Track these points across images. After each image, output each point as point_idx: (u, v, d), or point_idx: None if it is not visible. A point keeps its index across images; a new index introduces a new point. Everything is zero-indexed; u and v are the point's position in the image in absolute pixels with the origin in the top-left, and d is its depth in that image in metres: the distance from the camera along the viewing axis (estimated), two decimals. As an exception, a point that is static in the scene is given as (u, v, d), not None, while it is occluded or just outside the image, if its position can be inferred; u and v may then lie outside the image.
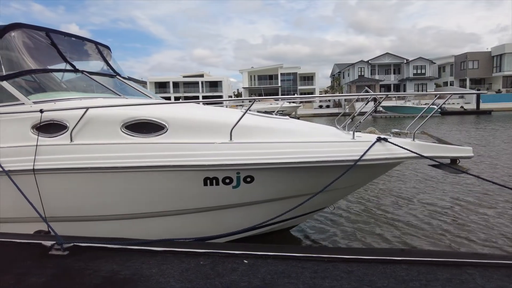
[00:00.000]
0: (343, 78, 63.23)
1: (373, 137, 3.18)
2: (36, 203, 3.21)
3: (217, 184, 3.17)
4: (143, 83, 60.37)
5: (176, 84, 65.98)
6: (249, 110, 3.38)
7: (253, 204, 3.42)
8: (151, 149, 3.13)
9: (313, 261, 2.53)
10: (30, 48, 3.91)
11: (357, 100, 37.58)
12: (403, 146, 3.04)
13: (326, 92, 66.33)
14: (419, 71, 55.78)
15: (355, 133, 3.27)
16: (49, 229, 3.07)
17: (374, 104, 4.02)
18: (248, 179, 3.19)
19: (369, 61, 57.36)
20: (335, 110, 48.93)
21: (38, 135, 3.35)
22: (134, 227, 3.38)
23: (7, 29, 3.73)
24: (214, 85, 66.81)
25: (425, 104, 35.04)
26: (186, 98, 58.92)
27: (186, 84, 66.65)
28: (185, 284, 2.24)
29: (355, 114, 3.83)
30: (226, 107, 7.67)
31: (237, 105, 12.49)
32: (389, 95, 3.52)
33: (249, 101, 3.38)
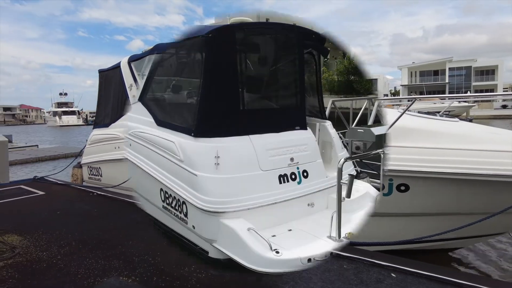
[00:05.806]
0: (541, 70, 49.46)
1: None
2: None
3: (366, 188, 3.02)
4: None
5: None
6: (408, 110, 3.08)
7: (406, 216, 3.11)
8: None
9: (480, 293, 2.12)
10: None
11: (561, 99, 28.80)
12: None
13: (512, 89, 53.61)
14: None
15: None
16: None
17: None
18: (402, 188, 2.91)
19: None
20: (525, 112, 39.02)
21: None
22: None
23: None
24: (368, 83, 63.90)
25: None
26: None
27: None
28: (326, 284, 2.25)
29: None
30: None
31: (393, 105, 11.53)
32: None
33: (408, 100, 3.07)
